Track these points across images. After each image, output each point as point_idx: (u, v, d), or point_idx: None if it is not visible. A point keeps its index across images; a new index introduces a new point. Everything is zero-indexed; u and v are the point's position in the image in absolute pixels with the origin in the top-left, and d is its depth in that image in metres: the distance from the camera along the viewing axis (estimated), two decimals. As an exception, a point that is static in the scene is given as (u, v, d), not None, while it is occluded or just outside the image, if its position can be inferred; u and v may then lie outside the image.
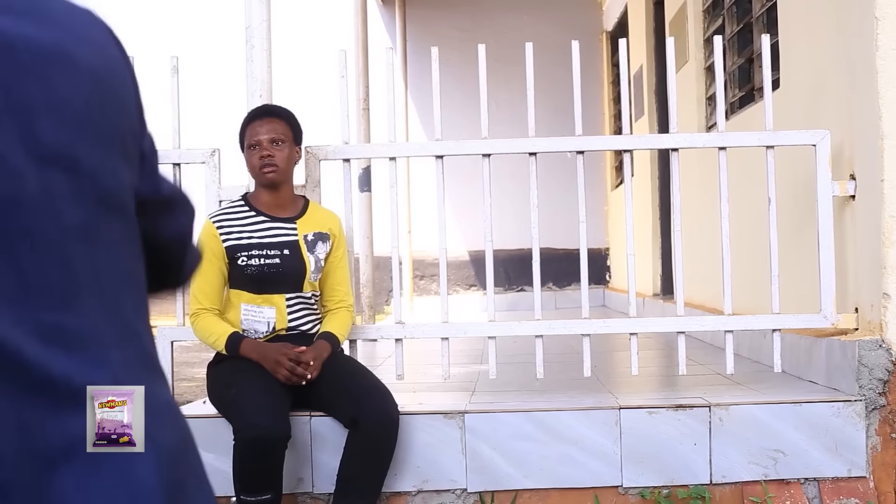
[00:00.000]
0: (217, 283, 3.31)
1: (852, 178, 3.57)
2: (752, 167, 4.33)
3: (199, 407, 3.60)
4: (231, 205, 3.39)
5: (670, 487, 3.31)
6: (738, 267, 4.06)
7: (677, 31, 6.71)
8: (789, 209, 4.03)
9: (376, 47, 8.83)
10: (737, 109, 5.48)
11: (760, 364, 4.49)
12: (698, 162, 5.41)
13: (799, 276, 4.01)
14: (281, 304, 3.30)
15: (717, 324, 3.61)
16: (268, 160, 3.28)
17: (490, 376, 3.65)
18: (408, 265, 9.84)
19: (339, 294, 3.43)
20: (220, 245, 3.29)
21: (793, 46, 4.29)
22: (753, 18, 5.19)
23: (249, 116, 3.39)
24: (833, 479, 3.32)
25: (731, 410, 3.34)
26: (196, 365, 7.63)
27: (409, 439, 3.36)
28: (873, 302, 3.42)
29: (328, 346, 3.30)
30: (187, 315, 3.38)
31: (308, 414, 3.36)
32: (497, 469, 3.33)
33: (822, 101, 3.88)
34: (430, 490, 3.36)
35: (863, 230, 3.51)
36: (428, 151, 3.71)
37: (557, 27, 10.56)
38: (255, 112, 3.41)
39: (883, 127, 3.34)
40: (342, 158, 3.67)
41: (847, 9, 3.61)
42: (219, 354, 3.32)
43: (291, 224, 3.36)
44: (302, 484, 3.37)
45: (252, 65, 3.69)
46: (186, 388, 6.57)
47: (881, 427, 3.33)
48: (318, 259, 3.35)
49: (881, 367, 3.34)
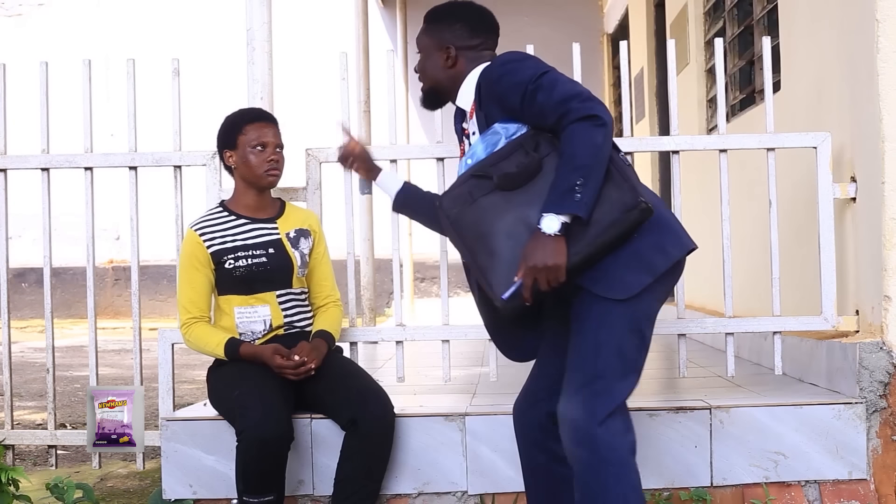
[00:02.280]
0: (205, 290, 3.33)
1: (853, 181, 3.57)
2: (753, 169, 4.33)
3: (200, 409, 3.61)
4: (210, 212, 3.42)
5: (671, 490, 3.31)
6: (739, 269, 4.06)
7: (678, 34, 6.71)
8: (790, 211, 4.03)
9: (377, 49, 8.85)
10: (738, 112, 5.48)
11: (761, 366, 4.49)
12: (699, 164, 5.41)
13: (799, 279, 4.01)
14: (273, 301, 3.33)
15: (717, 326, 3.60)
16: (275, 164, 3.36)
17: (491, 378, 3.65)
18: (409, 267, 9.84)
19: (325, 289, 3.47)
20: (206, 252, 3.31)
21: (794, 49, 4.29)
22: (754, 21, 5.19)
23: (248, 117, 3.40)
24: (834, 482, 3.32)
25: (732, 413, 3.34)
26: (197, 367, 7.63)
27: (410, 441, 3.36)
28: (874, 304, 3.42)
29: (325, 342, 3.33)
30: (179, 327, 3.38)
31: (309, 416, 3.36)
32: (498, 471, 3.33)
33: (823, 103, 3.88)
34: (430, 492, 3.36)
35: (864, 232, 3.51)
36: (429, 154, 3.71)
37: (558, 29, 10.57)
38: (255, 113, 3.42)
39: (884, 129, 3.34)
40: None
41: (848, 11, 3.61)
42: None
43: (272, 224, 3.40)
44: (302, 486, 3.37)
45: (253, 67, 3.69)
46: (187, 390, 6.58)
47: (882, 429, 3.33)
48: (302, 254, 3.39)
49: (882, 370, 3.34)
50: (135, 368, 3.74)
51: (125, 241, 12.58)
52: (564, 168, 2.49)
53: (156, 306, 12.24)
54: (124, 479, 4.35)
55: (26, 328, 11.73)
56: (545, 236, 2.48)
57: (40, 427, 4.93)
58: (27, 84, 9.15)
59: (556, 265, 2.48)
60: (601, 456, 2.51)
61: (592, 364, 2.54)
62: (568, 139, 2.51)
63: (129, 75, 3.76)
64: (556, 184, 2.50)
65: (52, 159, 3.83)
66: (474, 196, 2.62)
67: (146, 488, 4.16)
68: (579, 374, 2.55)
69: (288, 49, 10.88)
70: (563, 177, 2.49)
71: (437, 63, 2.86)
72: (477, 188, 2.62)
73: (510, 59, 2.70)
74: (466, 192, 2.64)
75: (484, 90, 2.71)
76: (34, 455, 4.90)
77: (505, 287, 2.53)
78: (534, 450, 2.83)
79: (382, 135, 7.91)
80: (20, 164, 3.87)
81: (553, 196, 2.49)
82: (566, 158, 2.50)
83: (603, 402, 2.53)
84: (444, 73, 2.85)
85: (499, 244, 2.56)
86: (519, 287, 2.52)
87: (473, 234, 2.60)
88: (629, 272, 2.55)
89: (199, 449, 3.39)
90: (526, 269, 2.49)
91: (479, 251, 2.59)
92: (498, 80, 2.67)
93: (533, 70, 2.63)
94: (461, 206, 2.63)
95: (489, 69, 2.72)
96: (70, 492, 3.46)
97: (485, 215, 2.59)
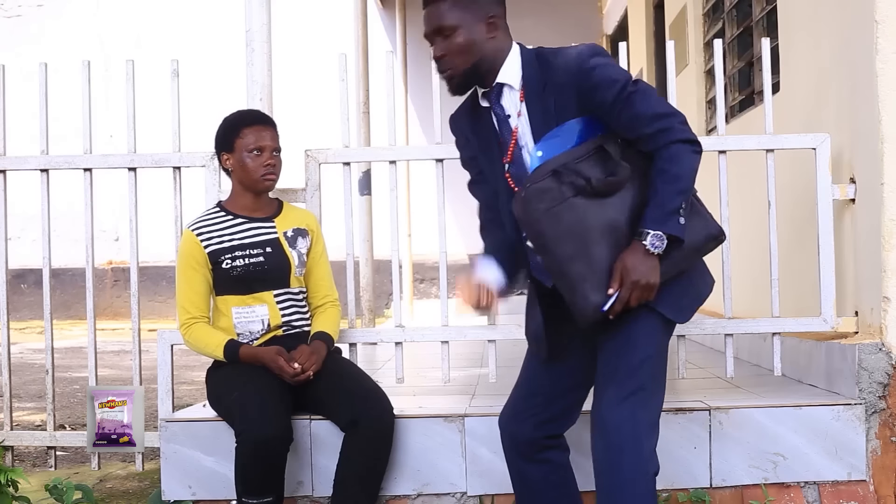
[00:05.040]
0: (203, 290, 3.33)
1: (852, 182, 3.57)
2: (752, 170, 4.33)
3: (199, 410, 3.60)
4: (207, 212, 3.42)
5: (670, 491, 3.32)
6: (738, 270, 4.06)
7: (677, 35, 6.71)
8: (789, 213, 4.03)
9: (376, 51, 8.84)
10: (737, 113, 5.48)
11: (760, 367, 4.49)
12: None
13: (799, 280, 4.01)
14: (271, 300, 3.33)
15: (716, 327, 3.61)
16: (272, 169, 3.35)
17: (490, 379, 3.65)
18: (408, 268, 9.84)
19: (322, 289, 3.47)
20: (203, 252, 3.31)
21: (793, 50, 4.29)
22: (753, 22, 5.19)
23: (245, 120, 3.39)
24: (833, 483, 3.32)
25: (731, 414, 3.34)
26: (196, 368, 7.63)
27: (409, 443, 3.36)
28: (873, 305, 3.42)
29: (324, 344, 3.33)
30: (178, 327, 3.38)
31: (308, 417, 3.36)
32: (497, 472, 3.33)
33: (822, 104, 3.88)
34: (430, 493, 3.36)
35: (863, 234, 3.51)
36: (428, 155, 3.71)
37: (558, 31, 10.57)
38: (254, 116, 3.42)
39: (883, 130, 3.34)
40: (342, 162, 3.68)
41: (846, 12, 3.61)
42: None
43: (270, 223, 3.40)
44: (302, 487, 3.37)
45: (252, 68, 3.70)
46: (186, 391, 6.58)
47: (881, 430, 3.33)
48: (300, 253, 3.39)
49: (881, 371, 3.34)
50: (134, 370, 3.74)
51: (124, 242, 12.58)
52: (670, 188, 2.47)
53: (155, 307, 12.24)
54: (123, 481, 4.35)
55: (25, 329, 11.73)
56: (648, 253, 2.46)
57: (39, 428, 4.93)
58: (26, 85, 9.16)
59: (655, 284, 2.48)
60: (644, 469, 2.52)
61: (637, 375, 2.54)
62: (674, 160, 2.48)
63: (129, 76, 3.76)
64: (662, 202, 2.46)
65: (51, 160, 3.83)
66: (565, 194, 2.50)
67: (145, 489, 4.16)
68: (626, 383, 2.54)
69: (287, 50, 10.87)
70: (670, 197, 2.46)
71: (481, 35, 2.61)
72: (564, 186, 2.51)
73: (599, 51, 2.58)
74: (556, 187, 2.50)
75: (563, 76, 2.56)
76: (33, 456, 4.90)
77: (601, 297, 2.48)
78: (523, 463, 2.83)
79: (382, 136, 7.90)
80: (19, 165, 3.87)
81: (658, 215, 2.46)
82: (671, 178, 2.47)
83: (647, 413, 2.55)
84: (490, 47, 2.62)
85: (595, 249, 2.49)
86: (615, 299, 2.49)
87: (564, 235, 2.50)
88: (685, 298, 2.61)
89: (199, 450, 3.39)
90: (627, 282, 2.46)
91: (571, 254, 2.50)
92: (589, 72, 2.53)
93: (625, 72, 2.58)
94: (551, 201, 2.50)
95: (571, 58, 2.57)
96: (69, 493, 3.46)
97: (582, 217, 2.50)
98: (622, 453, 2.50)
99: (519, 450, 2.82)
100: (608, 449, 2.52)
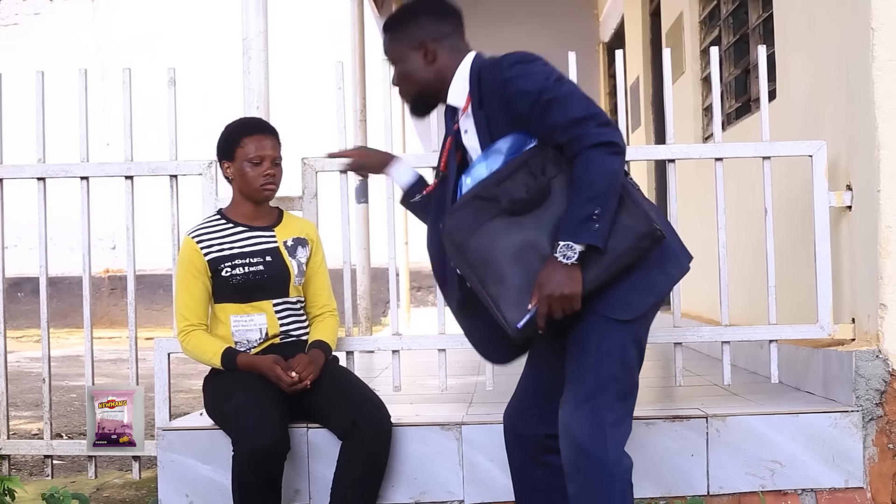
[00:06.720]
0: (202, 298, 3.33)
1: (849, 189, 3.57)
2: (748, 178, 4.34)
3: (196, 419, 3.60)
4: (208, 220, 3.41)
5: (667, 499, 3.31)
6: (735, 277, 4.07)
7: (674, 42, 6.73)
8: (786, 220, 4.04)
9: (373, 59, 8.84)
10: (733, 120, 5.49)
11: (757, 375, 4.49)
12: (695, 173, 5.42)
13: (796, 287, 4.01)
14: (269, 309, 3.32)
15: (713, 334, 3.61)
16: (271, 179, 3.34)
17: (487, 387, 3.65)
18: (405, 276, 9.83)
19: (321, 299, 3.46)
20: (203, 259, 3.31)
21: (789, 57, 4.30)
22: (750, 29, 5.20)
23: (247, 128, 3.38)
24: (830, 490, 3.32)
25: (729, 421, 3.34)
26: (193, 377, 7.62)
27: (406, 451, 3.36)
28: (870, 312, 3.43)
29: (322, 354, 3.32)
30: (176, 334, 3.37)
31: (305, 425, 3.36)
32: (494, 480, 3.32)
33: (819, 111, 3.89)
34: (427, 502, 3.35)
35: (859, 240, 3.51)
36: (425, 163, 3.71)
37: (554, 38, 10.57)
38: (255, 125, 3.41)
39: (879, 137, 3.35)
40: (339, 170, 3.68)
41: (843, 20, 3.62)
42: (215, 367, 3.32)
43: (270, 232, 3.39)
44: (299, 496, 3.37)
45: (249, 76, 3.70)
46: (183, 399, 6.57)
47: (878, 437, 3.33)
48: (300, 263, 3.39)
49: (878, 378, 3.34)
50: (131, 377, 3.73)
51: (121, 250, 12.57)
52: (580, 196, 2.44)
53: (152, 316, 12.22)
54: (120, 489, 4.34)
55: (22, 338, 11.71)
56: (561, 265, 2.44)
57: (36, 437, 4.92)
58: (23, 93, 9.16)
59: (573, 294, 2.44)
60: (608, 470, 2.49)
61: (595, 377, 2.52)
62: (584, 166, 2.45)
63: (126, 85, 3.76)
64: (572, 213, 2.44)
65: (48, 169, 3.83)
66: (480, 220, 2.53)
67: (142, 498, 4.15)
68: (583, 387, 2.52)
69: (284, 58, 10.88)
70: (580, 206, 2.43)
71: (417, 64, 2.69)
72: (482, 211, 2.53)
73: (518, 59, 2.57)
74: (471, 215, 2.54)
75: (487, 89, 2.59)
76: (30, 465, 4.89)
77: (518, 315, 2.49)
78: (527, 463, 2.82)
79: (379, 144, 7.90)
80: (16, 174, 3.87)
81: (569, 225, 2.44)
82: (582, 186, 2.44)
83: (611, 413, 2.51)
84: (429, 72, 2.69)
85: (508, 271, 2.50)
86: (533, 315, 2.48)
87: (480, 260, 2.53)
88: (634, 294, 2.54)
89: (196, 458, 3.38)
90: (541, 297, 2.45)
91: (487, 277, 2.52)
92: (506, 84, 2.54)
93: (544, 77, 2.53)
94: (466, 230, 2.54)
95: (495, 68, 2.59)
96: (66, 501, 3.46)
97: (493, 241, 2.52)
98: (586, 457, 2.49)
99: (524, 449, 2.81)
100: (571, 452, 2.52)
